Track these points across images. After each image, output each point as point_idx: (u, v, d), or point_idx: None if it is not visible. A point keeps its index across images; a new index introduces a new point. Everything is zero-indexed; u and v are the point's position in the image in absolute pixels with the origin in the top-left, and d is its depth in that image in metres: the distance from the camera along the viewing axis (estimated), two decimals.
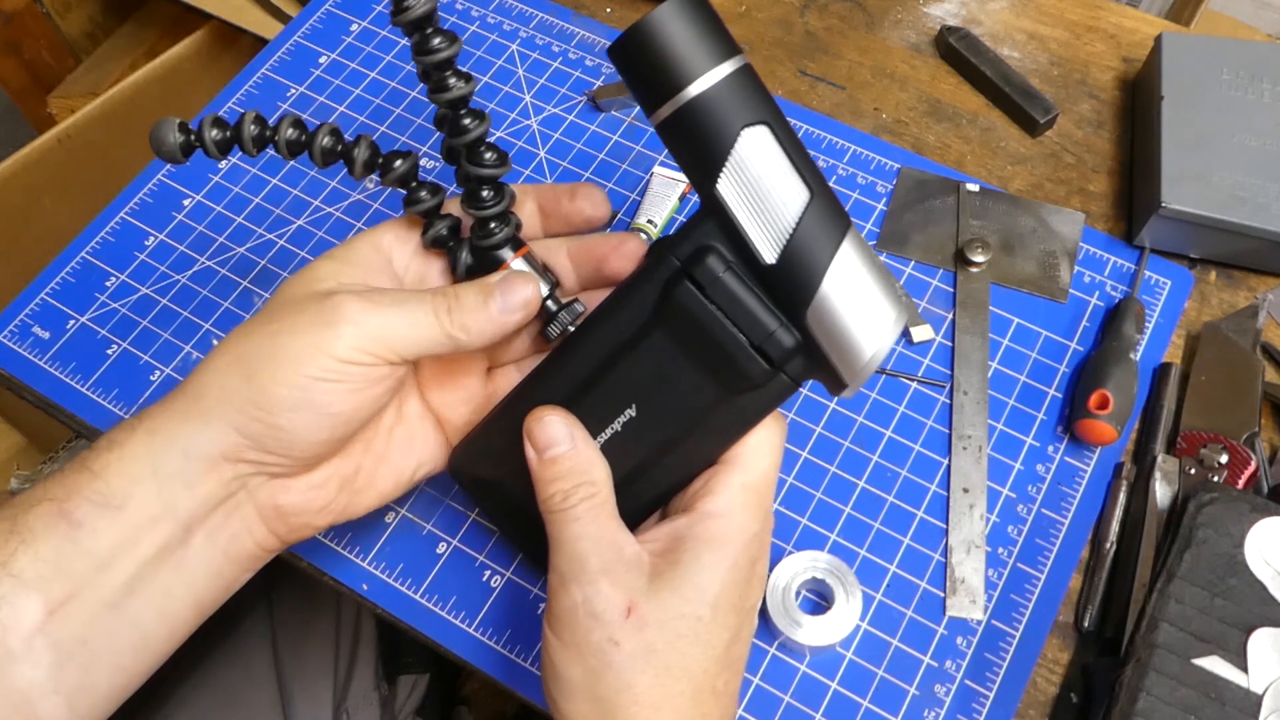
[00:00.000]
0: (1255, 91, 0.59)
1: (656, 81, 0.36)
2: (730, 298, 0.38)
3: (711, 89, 0.36)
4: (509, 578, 0.51)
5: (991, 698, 0.48)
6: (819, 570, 0.49)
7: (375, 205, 0.63)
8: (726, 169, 0.36)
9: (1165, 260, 0.59)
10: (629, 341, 0.40)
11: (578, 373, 0.41)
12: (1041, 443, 0.54)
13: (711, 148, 0.37)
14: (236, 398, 0.38)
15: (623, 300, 0.40)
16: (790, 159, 0.37)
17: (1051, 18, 0.69)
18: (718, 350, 0.38)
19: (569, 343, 0.41)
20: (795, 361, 0.39)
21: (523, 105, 0.66)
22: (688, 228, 0.38)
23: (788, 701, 0.48)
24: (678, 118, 0.37)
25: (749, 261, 0.38)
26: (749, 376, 0.38)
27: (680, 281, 0.38)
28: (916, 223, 0.61)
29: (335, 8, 0.71)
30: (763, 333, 0.38)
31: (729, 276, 0.38)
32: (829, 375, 0.39)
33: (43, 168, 1.02)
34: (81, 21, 1.27)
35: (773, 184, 0.37)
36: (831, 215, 0.37)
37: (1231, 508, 0.47)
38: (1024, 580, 0.50)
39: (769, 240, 0.37)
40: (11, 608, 0.35)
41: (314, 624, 0.65)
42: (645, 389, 0.40)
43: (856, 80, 0.67)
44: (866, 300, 0.37)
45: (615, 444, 0.41)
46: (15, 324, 0.59)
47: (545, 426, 0.39)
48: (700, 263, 0.38)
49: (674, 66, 0.36)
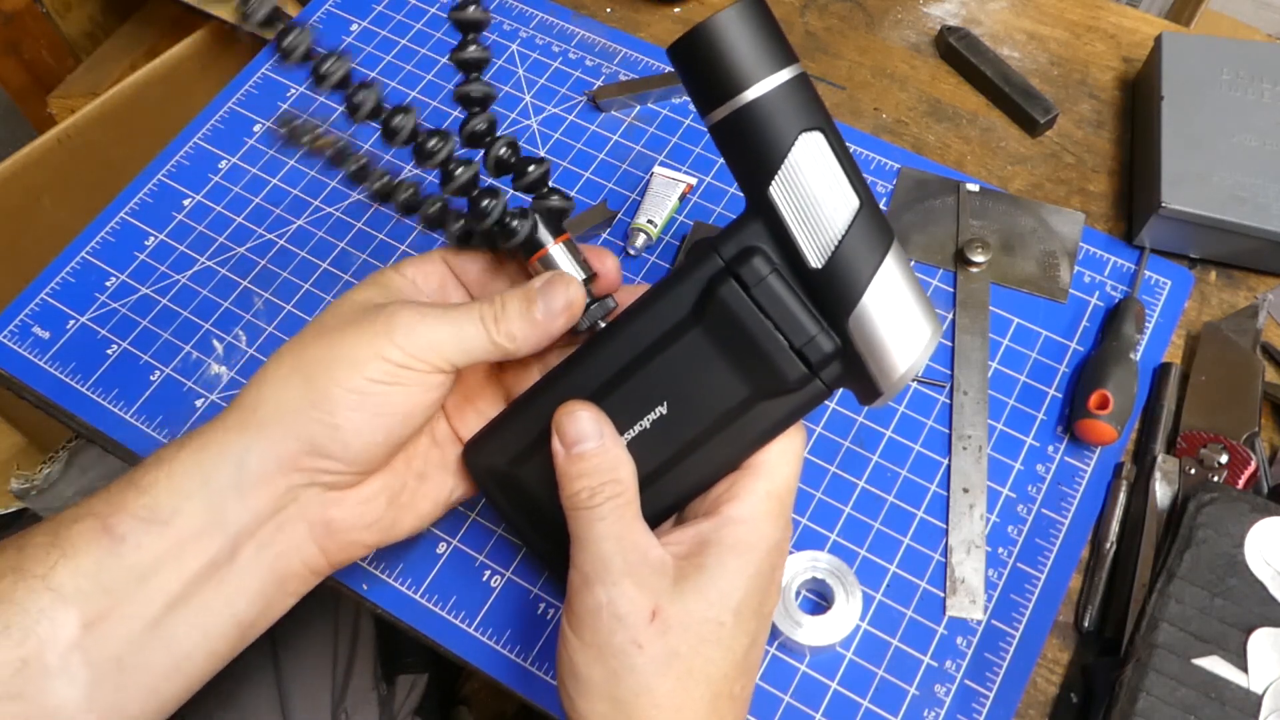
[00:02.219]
0: (1255, 91, 0.59)
1: (716, 82, 0.37)
2: (774, 299, 0.38)
3: (771, 93, 0.36)
4: (509, 578, 0.51)
5: (991, 698, 0.48)
6: (819, 570, 0.49)
7: (376, 205, 0.63)
8: (781, 173, 0.37)
9: (1165, 260, 0.59)
10: (665, 338, 0.40)
11: (609, 367, 0.41)
12: (1041, 443, 0.54)
13: (767, 151, 0.37)
14: (296, 403, 0.38)
15: (661, 296, 0.40)
16: (843, 167, 0.37)
17: (1051, 18, 0.69)
18: (757, 351, 0.39)
19: (601, 337, 0.41)
20: (831, 368, 0.39)
21: (523, 105, 0.66)
22: (733, 228, 0.39)
23: (788, 701, 0.48)
24: (735, 119, 0.37)
25: (794, 266, 0.38)
26: (785, 379, 0.39)
27: (725, 280, 0.38)
28: (916, 223, 0.61)
29: (335, 8, 0.71)
30: (804, 336, 0.38)
31: (774, 278, 0.38)
32: (863, 383, 0.39)
33: (43, 168, 1.02)
34: (81, 21, 1.26)
35: (825, 190, 0.37)
36: (878, 226, 0.38)
37: (1231, 508, 0.47)
38: (1024, 580, 0.50)
39: (816, 246, 0.37)
40: (50, 622, 0.35)
41: (312, 624, 0.65)
42: (678, 387, 0.40)
43: (856, 80, 0.67)
44: (907, 313, 0.38)
45: (643, 441, 0.41)
46: (15, 324, 0.59)
47: (575, 421, 0.39)
48: (746, 263, 0.38)
49: (735, 69, 0.36)
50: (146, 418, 0.56)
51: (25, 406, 0.59)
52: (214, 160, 0.65)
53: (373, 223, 0.62)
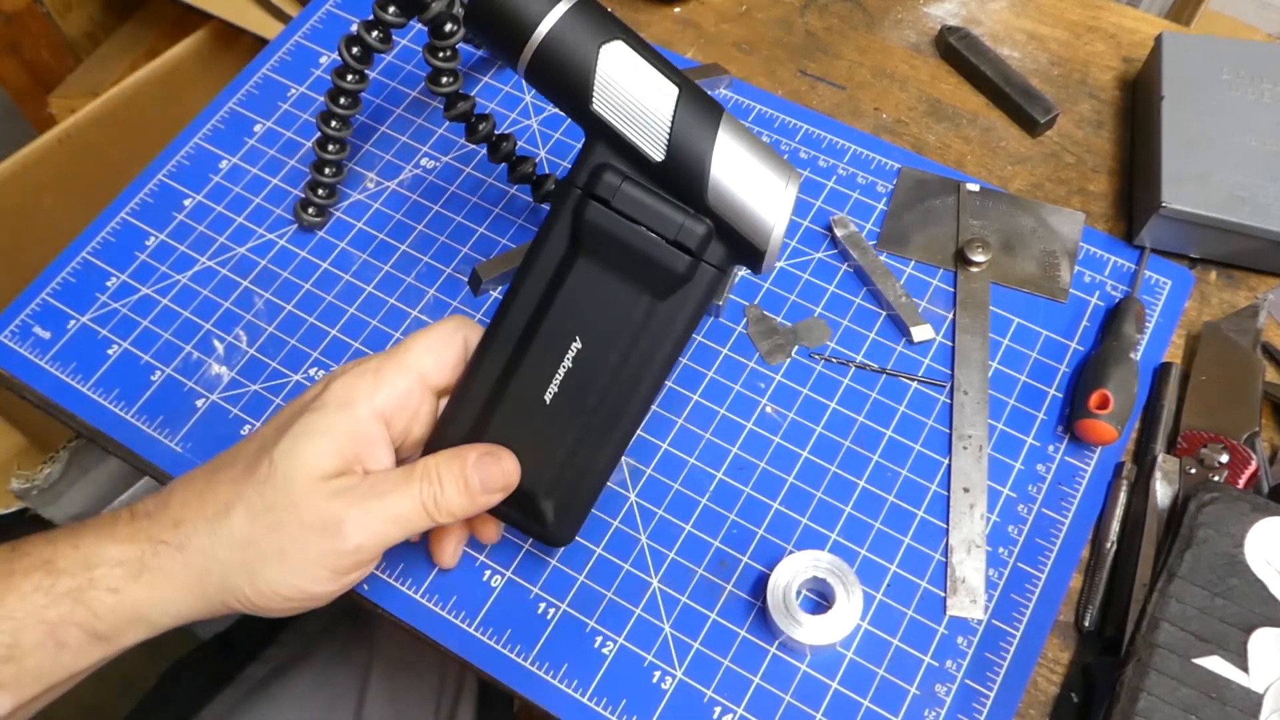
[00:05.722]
0: (1255, 91, 0.59)
1: (509, 34, 0.40)
2: (635, 203, 0.41)
3: (558, 24, 0.40)
4: (509, 577, 0.51)
5: (992, 697, 0.48)
6: (820, 570, 0.49)
7: (376, 205, 0.63)
8: (596, 87, 0.40)
9: (1165, 260, 0.59)
10: (556, 278, 0.42)
11: (518, 326, 0.43)
12: (1042, 442, 0.54)
13: (576, 73, 0.40)
14: (238, 589, 0.41)
15: (542, 244, 0.43)
16: (651, 63, 0.40)
17: (1051, 18, 0.69)
18: (639, 256, 0.41)
19: (504, 303, 0.43)
20: (713, 248, 0.42)
21: (523, 105, 0.66)
22: (579, 159, 0.42)
23: (788, 701, 0.48)
24: (538, 59, 0.40)
25: (642, 167, 0.41)
26: (675, 272, 0.41)
27: (587, 203, 0.41)
28: (916, 223, 0.61)
29: (335, 8, 0.71)
30: (674, 226, 0.41)
31: (628, 185, 0.41)
32: (746, 253, 0.42)
33: (43, 168, 1.02)
34: (81, 21, 1.26)
35: (642, 87, 0.40)
36: (703, 105, 0.41)
37: (1232, 507, 0.47)
38: (1024, 580, 0.50)
39: (652, 140, 0.40)
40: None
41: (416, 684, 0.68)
42: (584, 318, 0.43)
43: (856, 80, 0.67)
44: (757, 172, 0.41)
45: (572, 379, 0.43)
46: (16, 324, 0.59)
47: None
48: (599, 180, 0.41)
49: (519, 16, 0.40)
50: (147, 418, 0.56)
51: (26, 406, 0.59)
52: (214, 160, 0.65)
53: (373, 222, 0.62)
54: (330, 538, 0.41)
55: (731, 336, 0.57)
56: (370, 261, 0.61)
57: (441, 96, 0.54)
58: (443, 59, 0.52)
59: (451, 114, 0.54)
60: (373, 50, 0.54)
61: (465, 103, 0.54)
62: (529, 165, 0.58)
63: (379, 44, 0.53)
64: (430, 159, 0.64)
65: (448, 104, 0.54)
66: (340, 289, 0.60)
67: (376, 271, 0.60)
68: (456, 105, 0.54)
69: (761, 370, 0.56)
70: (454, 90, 0.53)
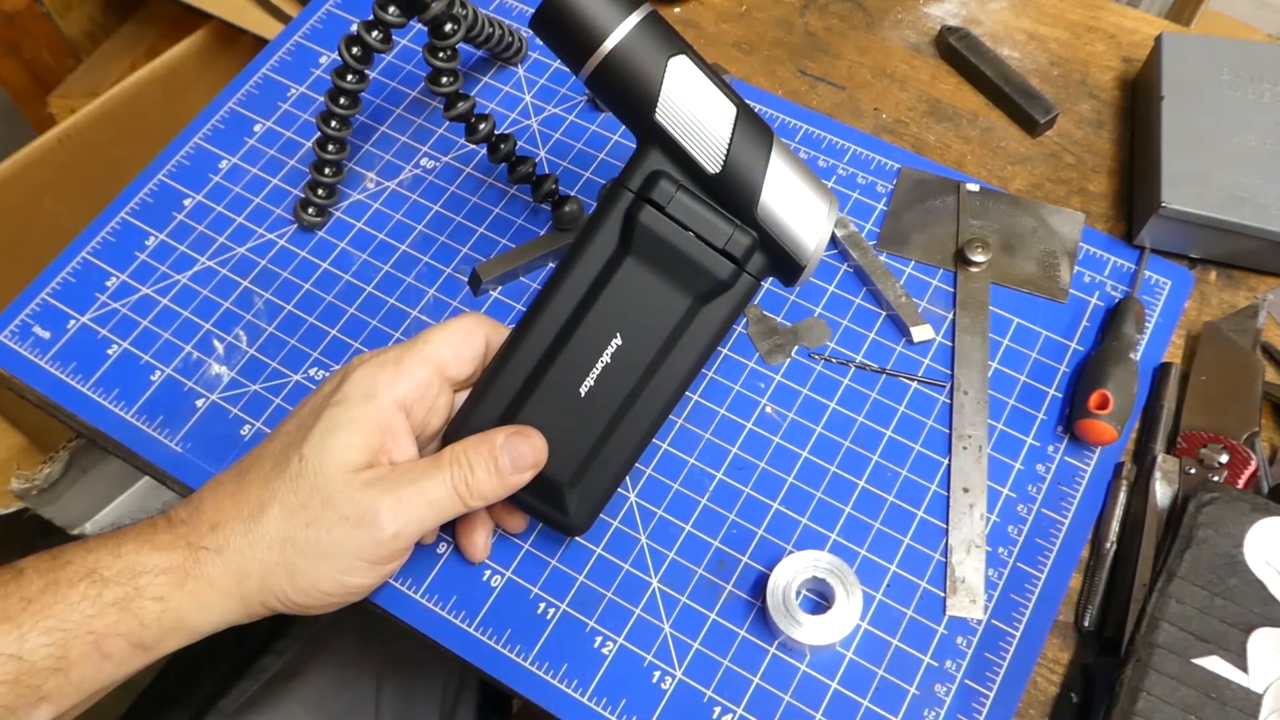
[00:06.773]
0: (1255, 91, 0.59)
1: (579, 41, 0.41)
2: (688, 210, 0.43)
3: (630, 35, 0.41)
4: (509, 577, 0.51)
5: (992, 697, 0.48)
6: (819, 570, 0.49)
7: (376, 205, 0.63)
8: (661, 99, 0.41)
9: (1165, 260, 0.59)
10: (602, 276, 0.44)
11: (559, 319, 0.44)
12: (1041, 442, 0.54)
13: (644, 84, 0.41)
14: (279, 588, 0.42)
15: (588, 242, 0.44)
16: (712, 80, 0.41)
17: (1051, 18, 0.69)
18: (686, 261, 0.43)
19: (544, 294, 0.44)
20: (755, 259, 0.44)
21: (523, 105, 0.66)
22: (632, 163, 0.43)
23: (788, 701, 0.48)
24: (605, 67, 0.41)
25: (696, 178, 0.43)
26: (718, 278, 0.44)
27: (641, 207, 0.43)
28: (916, 223, 0.61)
29: (335, 8, 0.71)
30: (723, 236, 0.43)
31: (683, 194, 0.43)
32: (784, 265, 0.44)
33: (43, 168, 1.02)
34: (81, 21, 1.26)
35: (704, 104, 0.42)
36: (758, 125, 0.43)
37: (1231, 507, 0.47)
38: (1024, 580, 0.50)
39: (710, 154, 0.42)
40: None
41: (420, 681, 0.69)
42: (627, 316, 0.44)
43: (856, 80, 0.67)
44: (804, 194, 0.43)
45: (609, 374, 0.45)
46: (16, 324, 0.59)
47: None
48: (655, 186, 0.43)
49: (591, 24, 0.41)
50: (147, 418, 0.56)
51: (26, 406, 0.59)
52: (214, 160, 0.65)
53: (373, 222, 0.62)
54: (367, 528, 0.41)
55: (731, 337, 0.57)
56: (370, 261, 0.61)
57: (441, 96, 0.54)
58: (443, 59, 0.52)
59: (451, 114, 0.54)
60: (373, 50, 0.54)
61: (465, 103, 0.54)
62: (529, 165, 0.58)
63: (379, 44, 0.53)
64: (430, 159, 0.64)
65: (448, 104, 0.54)
66: (340, 289, 0.60)
67: (376, 271, 0.60)
68: (456, 105, 0.54)
69: (761, 370, 0.56)
70: (454, 90, 0.53)
